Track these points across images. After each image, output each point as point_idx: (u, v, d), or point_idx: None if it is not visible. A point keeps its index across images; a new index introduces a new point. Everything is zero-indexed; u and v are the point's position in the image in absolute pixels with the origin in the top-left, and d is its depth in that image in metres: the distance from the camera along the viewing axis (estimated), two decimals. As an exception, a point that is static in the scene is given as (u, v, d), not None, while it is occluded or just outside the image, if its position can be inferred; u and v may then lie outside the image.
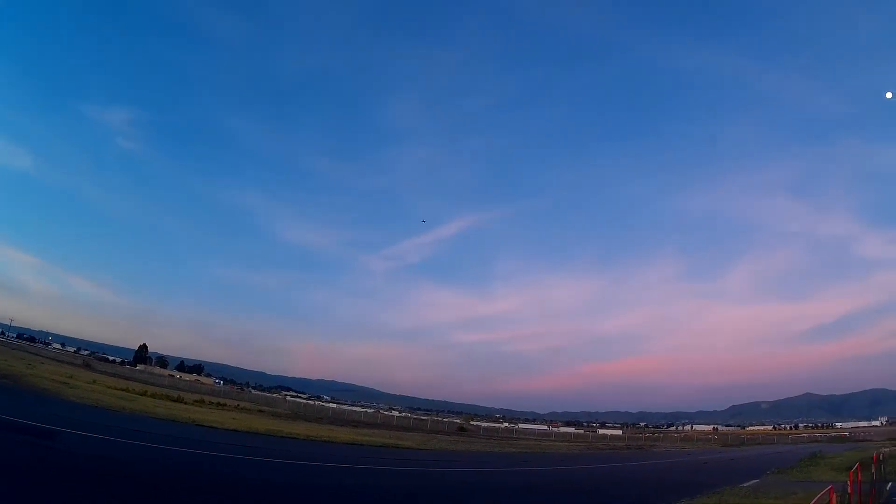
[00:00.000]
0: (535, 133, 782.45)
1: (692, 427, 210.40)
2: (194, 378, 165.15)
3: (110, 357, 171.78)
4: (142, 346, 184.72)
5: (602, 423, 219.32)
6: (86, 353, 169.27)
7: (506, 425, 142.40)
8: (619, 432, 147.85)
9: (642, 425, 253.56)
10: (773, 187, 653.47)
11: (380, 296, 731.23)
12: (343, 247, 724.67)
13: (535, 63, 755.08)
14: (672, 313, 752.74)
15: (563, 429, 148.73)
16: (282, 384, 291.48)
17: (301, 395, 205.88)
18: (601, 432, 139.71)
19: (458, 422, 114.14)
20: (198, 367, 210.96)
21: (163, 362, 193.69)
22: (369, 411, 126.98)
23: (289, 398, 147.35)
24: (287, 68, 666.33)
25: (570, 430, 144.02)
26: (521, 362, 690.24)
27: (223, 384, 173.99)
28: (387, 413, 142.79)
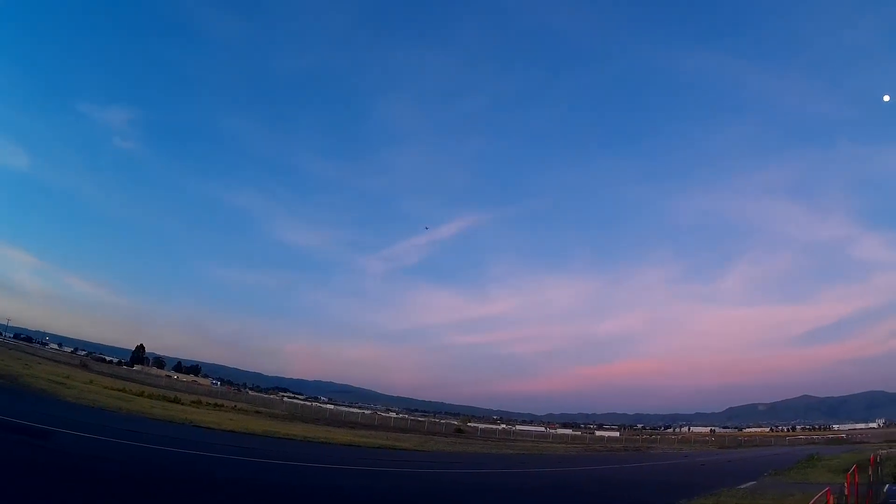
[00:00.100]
0: (532, 135, 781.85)
1: (689, 429, 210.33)
2: (191, 379, 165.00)
3: (107, 357, 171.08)
4: (139, 347, 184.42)
5: (599, 425, 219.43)
6: (83, 353, 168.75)
7: (503, 427, 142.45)
8: (617, 434, 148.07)
9: (639, 427, 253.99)
10: (771, 189, 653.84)
11: (377, 297, 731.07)
12: (340, 247, 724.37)
13: (533, 65, 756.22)
14: (669, 315, 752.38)
15: (561, 430, 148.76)
16: (279, 385, 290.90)
17: (298, 396, 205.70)
18: (598, 434, 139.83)
19: (455, 423, 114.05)
20: (195, 368, 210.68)
21: (160, 363, 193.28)
22: (366, 412, 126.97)
23: (286, 399, 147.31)
24: (285, 68, 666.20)
25: (568, 431, 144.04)
26: (519, 364, 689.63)
27: (220, 385, 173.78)
28: (384, 414, 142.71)
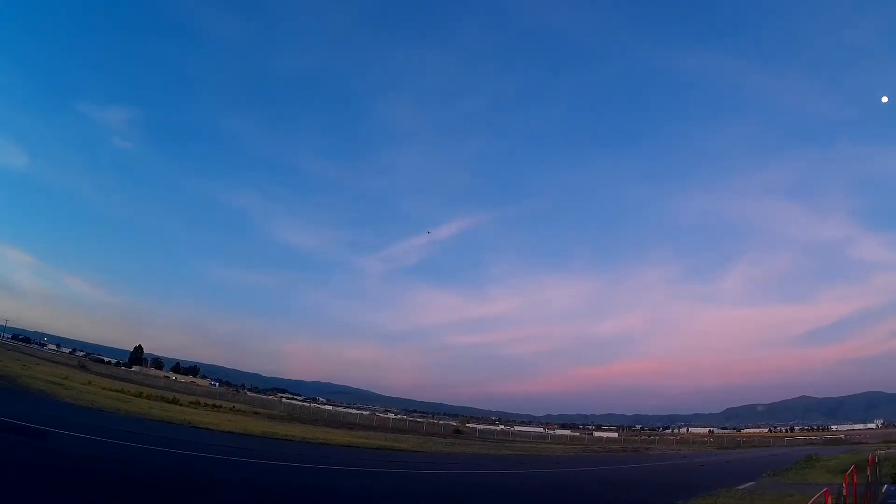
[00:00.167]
0: (532, 135, 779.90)
1: (688, 429, 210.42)
2: (190, 380, 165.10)
3: (106, 358, 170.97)
4: (137, 348, 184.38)
5: (598, 426, 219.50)
6: (81, 354, 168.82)
7: (501, 428, 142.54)
8: (615, 435, 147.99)
9: (638, 428, 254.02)
10: (770, 189, 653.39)
11: (376, 297, 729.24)
12: (339, 248, 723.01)
13: (533, 65, 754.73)
14: (668, 315, 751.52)
15: (559, 431, 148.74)
16: (277, 386, 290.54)
17: (296, 397, 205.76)
18: (597, 435, 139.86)
19: (453, 424, 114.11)
20: (193, 369, 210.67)
21: (158, 364, 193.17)
22: (365, 413, 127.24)
23: (284, 400, 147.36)
24: (284, 68, 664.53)
25: (566, 432, 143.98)
26: (517, 364, 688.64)
27: (219, 386, 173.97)
28: (382, 415, 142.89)
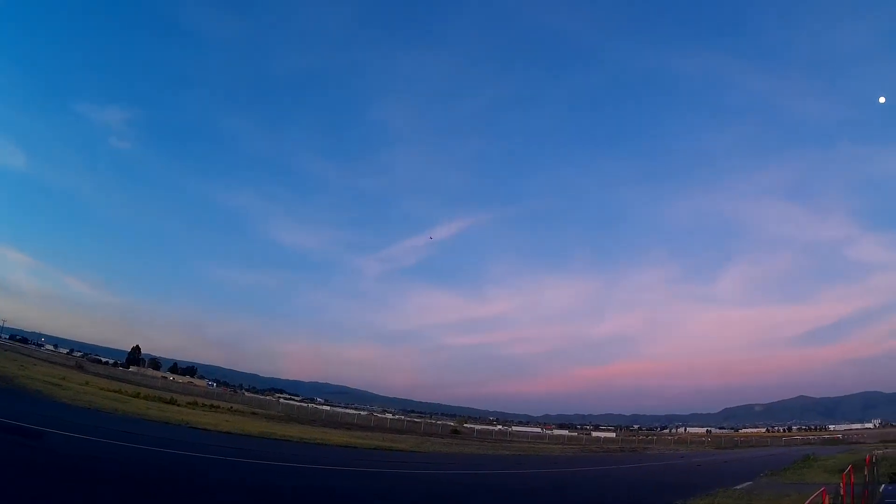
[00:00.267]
0: (531, 136, 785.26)
1: (685, 429, 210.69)
2: (187, 380, 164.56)
3: (103, 359, 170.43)
4: (135, 348, 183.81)
5: (595, 426, 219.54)
6: (79, 354, 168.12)
7: (499, 428, 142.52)
8: (613, 435, 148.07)
9: (636, 428, 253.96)
10: (768, 190, 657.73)
11: (374, 298, 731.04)
12: (337, 248, 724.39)
13: (531, 66, 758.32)
14: (666, 316, 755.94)
15: (557, 431, 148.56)
16: (275, 386, 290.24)
17: (294, 397, 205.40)
18: (595, 435, 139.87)
19: (451, 424, 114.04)
20: (191, 369, 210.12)
21: (156, 364, 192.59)
22: (363, 414, 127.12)
23: (282, 400, 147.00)
24: (282, 69, 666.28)
25: (564, 432, 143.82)
26: (515, 365, 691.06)
27: (216, 386, 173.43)
28: (380, 415, 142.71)
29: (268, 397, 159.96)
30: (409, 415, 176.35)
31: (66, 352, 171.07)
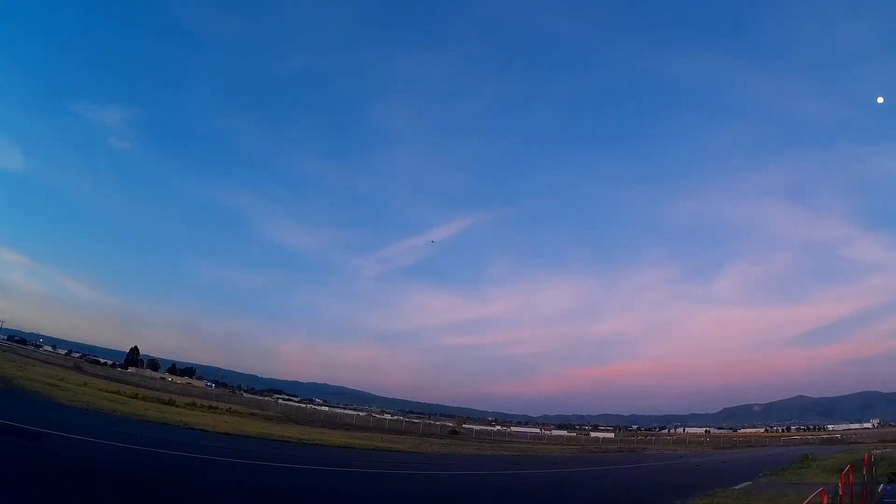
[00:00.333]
0: (529, 136, 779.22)
1: (684, 430, 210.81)
2: (186, 381, 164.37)
3: (101, 359, 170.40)
4: (133, 349, 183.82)
5: (594, 426, 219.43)
6: (77, 355, 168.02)
7: (498, 428, 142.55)
8: (612, 435, 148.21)
9: (634, 428, 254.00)
10: (766, 191, 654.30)
11: (372, 298, 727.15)
12: (336, 249, 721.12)
13: (530, 66, 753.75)
14: (664, 316, 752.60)
15: (556, 432, 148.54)
16: (273, 387, 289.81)
17: (293, 398, 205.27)
18: (593, 435, 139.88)
19: (450, 425, 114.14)
20: (189, 370, 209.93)
21: (154, 365, 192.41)
22: (361, 414, 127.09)
23: (280, 401, 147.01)
24: (282, 69, 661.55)
25: (563, 433, 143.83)
26: (514, 365, 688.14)
27: (215, 387, 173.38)
28: (379, 416, 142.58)
29: (266, 398, 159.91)
30: (408, 415, 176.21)
31: (64, 353, 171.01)
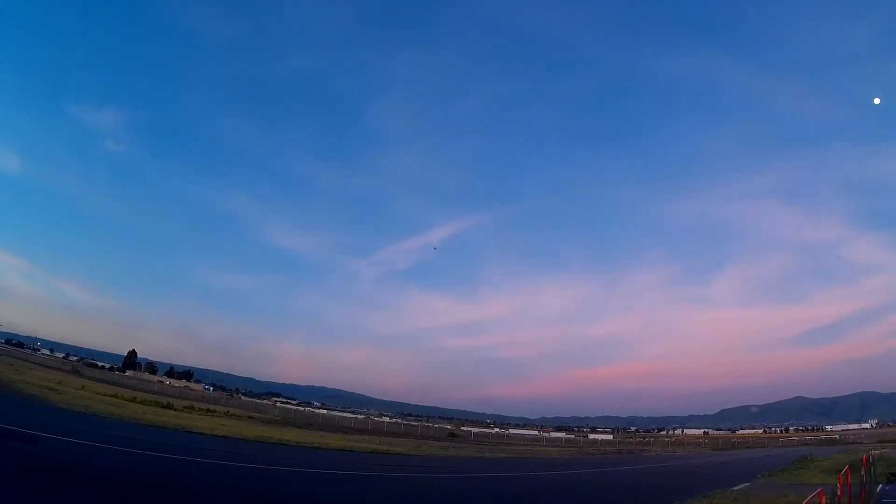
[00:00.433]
0: (527, 137, 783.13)
1: (683, 431, 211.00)
2: (184, 384, 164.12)
3: (99, 363, 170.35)
4: (131, 352, 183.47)
5: (593, 428, 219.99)
6: (74, 358, 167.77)
7: (496, 431, 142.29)
8: (610, 437, 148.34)
9: (633, 430, 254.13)
10: (764, 192, 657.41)
11: (369, 301, 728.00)
12: (332, 251, 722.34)
13: (525, 67, 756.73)
14: (662, 318, 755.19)
15: (554, 434, 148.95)
16: (271, 390, 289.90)
17: (291, 401, 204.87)
18: (592, 437, 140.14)
19: (448, 427, 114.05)
20: (187, 374, 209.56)
21: (152, 368, 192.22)
22: (359, 417, 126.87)
23: (278, 404, 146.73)
24: (278, 70, 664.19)
25: (561, 435, 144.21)
26: (512, 367, 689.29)
27: (213, 390, 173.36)
28: (377, 419, 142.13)
29: (264, 401, 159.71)
30: (406, 418, 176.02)
31: (61, 356, 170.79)
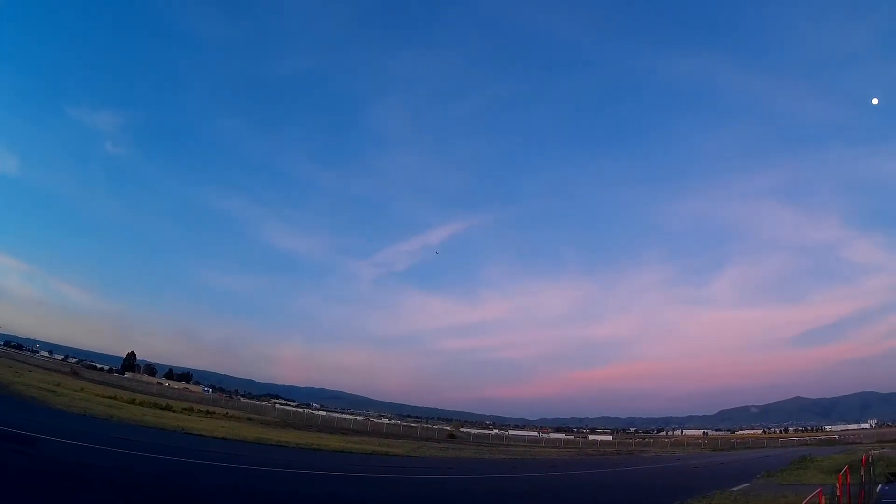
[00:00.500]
0: (525, 138, 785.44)
1: (682, 432, 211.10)
2: (183, 386, 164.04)
3: (98, 365, 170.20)
4: (130, 354, 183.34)
5: (592, 429, 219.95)
6: (73, 360, 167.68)
7: (495, 432, 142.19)
8: (610, 438, 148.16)
9: (632, 430, 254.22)
10: (762, 193, 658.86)
11: (369, 302, 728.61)
12: (331, 253, 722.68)
13: (525, 67, 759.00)
14: (661, 318, 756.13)
15: (553, 435, 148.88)
16: (270, 392, 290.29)
17: (290, 402, 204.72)
18: (591, 438, 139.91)
19: (447, 429, 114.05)
20: (186, 375, 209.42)
21: (151, 370, 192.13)
22: (359, 419, 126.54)
23: (277, 406, 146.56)
24: (277, 71, 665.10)
25: (560, 436, 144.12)
26: (511, 368, 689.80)
27: (212, 392, 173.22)
28: (376, 420, 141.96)
29: (263, 403, 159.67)
30: (405, 419, 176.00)
31: (60, 358, 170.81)
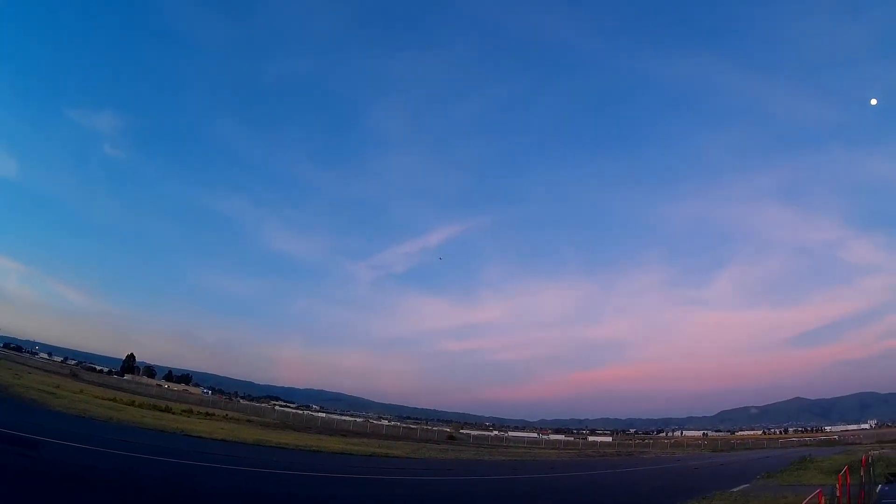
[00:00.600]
0: (522, 140, 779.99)
1: (682, 433, 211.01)
2: (182, 388, 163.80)
3: (97, 367, 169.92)
4: (129, 356, 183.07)
5: (592, 430, 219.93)
6: (73, 362, 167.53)
7: (495, 433, 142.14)
8: (609, 439, 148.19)
9: (632, 432, 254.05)
10: (761, 194, 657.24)
11: (367, 304, 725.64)
12: (330, 254, 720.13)
13: (523, 69, 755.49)
14: (660, 319, 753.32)
15: (553, 436, 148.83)
16: (270, 394, 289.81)
17: (290, 404, 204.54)
18: (591, 439, 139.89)
19: (447, 430, 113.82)
20: (186, 377, 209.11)
21: (150, 372, 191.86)
22: (358, 420, 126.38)
23: (277, 408, 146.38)
24: (276, 73, 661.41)
25: (560, 437, 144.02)
26: (510, 370, 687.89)
27: (211, 394, 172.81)
28: (376, 422, 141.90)
29: (263, 405, 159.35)
30: (405, 421, 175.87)
31: (60, 360, 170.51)
